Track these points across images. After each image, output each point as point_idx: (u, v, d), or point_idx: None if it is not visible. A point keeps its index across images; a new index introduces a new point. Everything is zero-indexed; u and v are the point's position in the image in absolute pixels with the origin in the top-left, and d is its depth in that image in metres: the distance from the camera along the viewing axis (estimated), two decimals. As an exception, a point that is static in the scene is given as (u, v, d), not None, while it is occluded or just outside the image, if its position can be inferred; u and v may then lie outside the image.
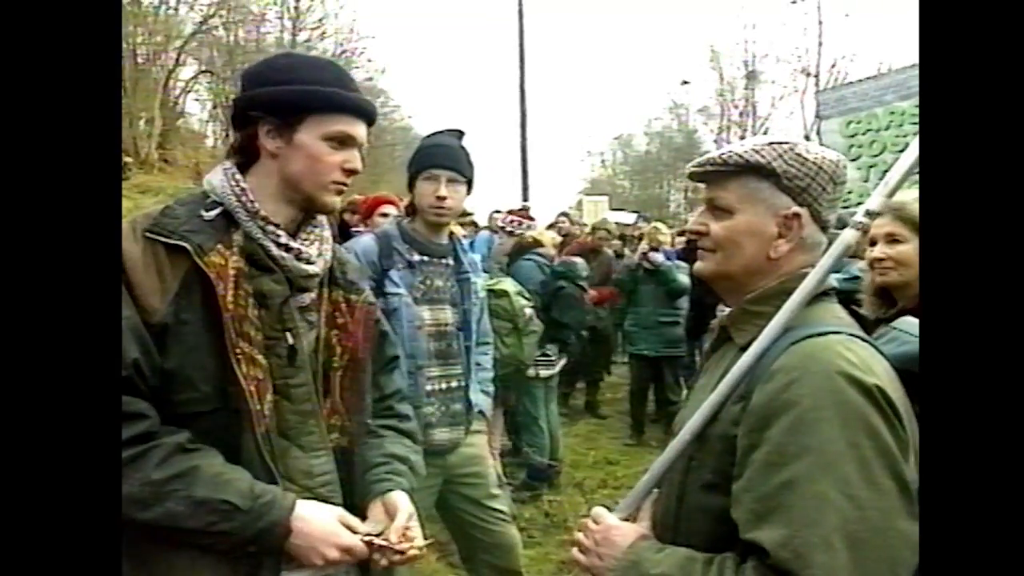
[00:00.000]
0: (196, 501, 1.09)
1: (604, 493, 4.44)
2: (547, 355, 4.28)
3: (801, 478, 0.89)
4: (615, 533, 1.08)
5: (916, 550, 0.86)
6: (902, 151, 1.03)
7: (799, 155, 1.07)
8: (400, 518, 1.28)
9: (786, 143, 1.09)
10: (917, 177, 0.96)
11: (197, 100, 19.34)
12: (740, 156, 1.08)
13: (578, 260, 4.70)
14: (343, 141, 1.25)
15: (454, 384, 2.35)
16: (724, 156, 1.10)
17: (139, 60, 15.97)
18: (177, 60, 16.59)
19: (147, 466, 1.07)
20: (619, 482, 4.69)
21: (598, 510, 1.14)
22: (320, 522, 1.18)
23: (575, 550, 1.13)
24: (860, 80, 6.88)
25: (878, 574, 0.87)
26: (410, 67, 53.77)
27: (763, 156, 1.07)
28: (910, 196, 1.70)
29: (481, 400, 2.48)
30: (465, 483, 2.40)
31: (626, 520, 1.12)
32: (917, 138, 0.94)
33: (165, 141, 16.00)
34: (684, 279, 5.20)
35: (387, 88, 23.59)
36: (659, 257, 5.38)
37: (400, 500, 1.32)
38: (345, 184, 1.28)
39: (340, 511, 1.24)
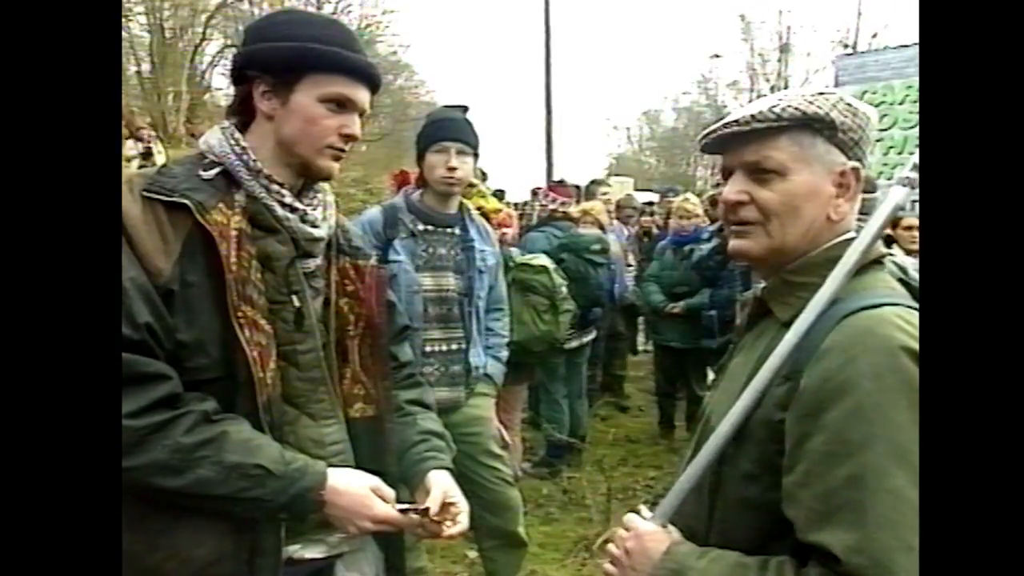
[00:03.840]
0: (227, 466, 1.05)
1: (624, 471, 4.40)
2: None
3: (871, 471, 0.79)
4: (648, 540, 0.97)
5: None
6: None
7: (850, 105, 0.98)
8: (435, 493, 1.26)
9: (833, 93, 0.99)
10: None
11: (224, 74, 19.43)
12: (796, 108, 0.94)
13: (588, 232, 4.47)
14: (341, 104, 1.18)
15: (454, 347, 2.47)
16: (776, 109, 0.95)
17: (167, 35, 16.07)
18: (203, 34, 16.65)
19: (176, 432, 1.03)
20: (639, 460, 4.65)
21: (629, 516, 1.02)
22: (354, 491, 1.15)
23: (607, 564, 1.02)
24: (882, 49, 6.60)
25: None
26: (435, 42, 53.36)
27: (820, 107, 0.95)
28: None
29: (490, 365, 2.59)
30: (466, 441, 2.48)
31: (664, 527, 1.00)
32: None
33: (192, 116, 16.12)
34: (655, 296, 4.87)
35: (412, 63, 23.45)
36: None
37: (442, 478, 1.31)
38: (343, 150, 1.22)
39: (374, 480, 1.20)
